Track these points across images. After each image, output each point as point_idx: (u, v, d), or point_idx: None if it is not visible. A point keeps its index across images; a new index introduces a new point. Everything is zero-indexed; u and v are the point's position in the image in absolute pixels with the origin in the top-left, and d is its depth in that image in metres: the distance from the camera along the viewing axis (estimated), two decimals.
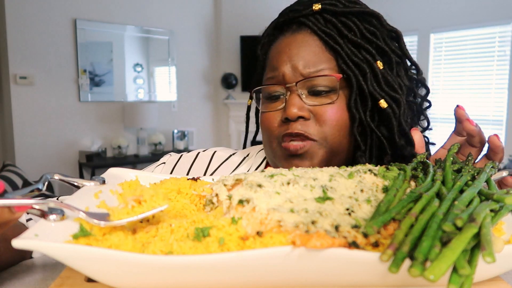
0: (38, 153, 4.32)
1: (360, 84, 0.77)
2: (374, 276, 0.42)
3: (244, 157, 0.96)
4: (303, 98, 0.78)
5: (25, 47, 4.14)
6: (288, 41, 0.81)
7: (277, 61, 0.81)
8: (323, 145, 0.78)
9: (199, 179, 0.64)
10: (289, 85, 0.78)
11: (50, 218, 0.46)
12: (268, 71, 0.83)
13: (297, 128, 0.77)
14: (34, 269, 0.61)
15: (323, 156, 0.78)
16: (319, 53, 0.79)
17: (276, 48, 0.83)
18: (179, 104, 5.36)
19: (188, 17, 5.19)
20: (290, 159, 0.79)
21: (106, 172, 0.67)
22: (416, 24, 5.03)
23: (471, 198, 0.47)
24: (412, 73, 0.85)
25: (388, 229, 0.46)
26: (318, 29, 0.79)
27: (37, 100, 4.29)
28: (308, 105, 0.78)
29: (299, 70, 0.78)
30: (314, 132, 0.77)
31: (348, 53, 0.78)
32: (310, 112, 0.78)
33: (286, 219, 0.45)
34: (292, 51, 0.79)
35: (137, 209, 0.47)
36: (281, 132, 0.79)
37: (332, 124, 0.77)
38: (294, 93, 0.78)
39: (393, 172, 0.59)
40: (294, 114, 0.76)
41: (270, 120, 0.82)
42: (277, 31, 0.85)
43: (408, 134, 0.79)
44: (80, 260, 0.40)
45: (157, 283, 0.41)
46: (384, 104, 0.77)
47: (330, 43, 0.78)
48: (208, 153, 0.96)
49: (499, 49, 4.54)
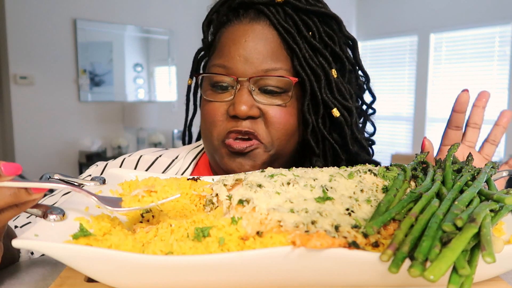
0: (38, 153, 4.32)
1: (314, 90, 0.76)
2: (374, 276, 0.42)
3: (173, 159, 0.90)
4: (254, 95, 0.75)
5: (25, 47, 4.14)
6: (245, 30, 0.76)
7: (229, 49, 0.76)
8: (268, 148, 0.76)
9: (199, 179, 0.64)
10: (241, 79, 0.74)
11: (50, 218, 0.46)
12: (216, 57, 0.78)
13: (246, 126, 0.74)
14: (34, 269, 0.61)
15: (266, 159, 0.77)
16: (277, 50, 0.76)
17: (230, 33, 0.77)
18: (179, 104, 5.36)
19: (188, 17, 5.19)
20: (233, 157, 0.76)
21: (106, 172, 0.67)
22: (416, 24, 5.03)
23: (471, 198, 0.47)
24: (361, 80, 0.86)
25: (388, 229, 0.46)
26: (278, 23, 0.75)
27: (37, 100, 4.29)
28: (258, 102, 0.75)
29: (254, 65, 0.74)
30: (262, 134, 0.75)
31: (306, 56, 0.76)
32: (259, 110, 0.75)
33: (286, 219, 0.45)
34: (249, 43, 0.75)
35: (147, 199, 0.48)
36: (227, 127, 0.75)
37: (279, 127, 0.76)
38: (244, 88, 0.74)
39: (393, 172, 0.59)
40: (244, 112, 0.73)
41: (215, 111, 0.77)
42: (232, 12, 0.79)
43: (361, 141, 0.80)
44: (80, 260, 0.40)
45: (157, 283, 0.41)
46: (336, 113, 0.77)
47: (288, 42, 0.75)
48: (134, 158, 0.90)
49: (499, 49, 4.53)
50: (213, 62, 0.78)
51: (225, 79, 0.76)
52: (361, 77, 0.86)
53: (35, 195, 0.45)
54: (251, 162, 0.76)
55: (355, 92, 0.83)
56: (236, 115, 0.74)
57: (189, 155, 0.91)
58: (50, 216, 0.46)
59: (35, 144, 4.30)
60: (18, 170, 0.44)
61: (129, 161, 0.90)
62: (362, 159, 0.80)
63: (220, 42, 0.79)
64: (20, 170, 0.44)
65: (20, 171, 0.44)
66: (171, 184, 0.49)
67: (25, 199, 0.45)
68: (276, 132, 0.76)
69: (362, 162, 0.77)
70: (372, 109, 0.90)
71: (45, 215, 0.46)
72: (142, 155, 0.91)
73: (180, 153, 0.92)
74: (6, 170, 0.43)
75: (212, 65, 0.78)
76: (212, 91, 0.78)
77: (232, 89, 0.76)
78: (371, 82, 0.88)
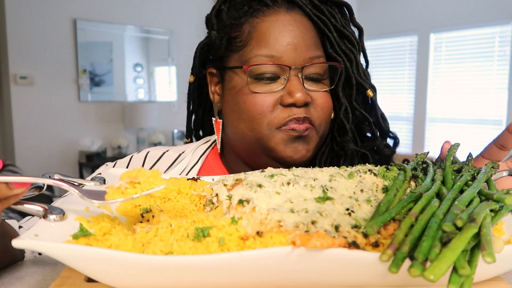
0: (38, 153, 4.32)
1: (349, 73, 0.82)
2: (374, 276, 0.42)
3: (180, 153, 0.92)
4: (303, 83, 0.77)
5: (25, 47, 4.14)
6: (287, 19, 0.77)
7: (276, 38, 0.76)
8: (318, 131, 0.80)
9: (199, 179, 0.64)
10: (295, 68, 0.76)
11: (50, 218, 0.46)
12: (258, 47, 0.77)
13: (303, 113, 0.77)
14: (34, 269, 0.61)
15: (316, 141, 0.81)
16: (315, 38, 0.80)
17: (270, 22, 0.77)
18: (179, 104, 5.36)
19: (188, 17, 5.19)
20: (291, 142, 0.78)
21: (103, 170, 0.67)
22: (416, 24, 5.03)
23: (471, 198, 0.47)
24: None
25: (388, 229, 0.46)
26: (313, 14, 0.79)
27: (37, 100, 4.29)
28: (308, 90, 0.78)
29: (302, 53, 0.77)
30: (315, 119, 0.79)
31: (339, 43, 0.81)
32: (310, 98, 0.78)
33: (286, 219, 0.45)
34: (295, 32, 0.77)
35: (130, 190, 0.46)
36: (284, 116, 0.76)
37: (327, 111, 0.80)
38: (296, 76, 0.77)
39: (393, 172, 0.59)
40: (302, 99, 0.75)
41: (264, 102, 0.76)
42: (257, 2, 0.79)
43: (386, 119, 0.88)
44: (80, 260, 0.40)
45: (157, 283, 0.41)
46: (371, 93, 0.84)
47: (323, 30, 0.80)
48: (142, 154, 0.92)
49: (499, 49, 4.53)
50: (255, 53, 0.76)
51: (271, 69, 0.76)
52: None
53: (17, 190, 0.45)
54: (306, 145, 0.79)
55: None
56: (294, 103, 0.76)
57: (197, 150, 0.91)
58: (50, 216, 0.46)
59: (35, 144, 4.30)
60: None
61: (137, 158, 0.91)
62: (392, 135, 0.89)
63: (257, 32, 0.77)
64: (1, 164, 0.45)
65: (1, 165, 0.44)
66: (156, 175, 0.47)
67: (6, 194, 0.45)
68: (325, 115, 0.80)
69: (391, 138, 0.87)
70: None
71: (45, 215, 0.46)
72: (149, 151, 0.93)
73: (187, 149, 0.93)
74: None
75: (254, 56, 0.76)
76: (257, 82, 0.77)
77: (280, 79, 0.77)
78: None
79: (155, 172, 0.47)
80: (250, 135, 0.79)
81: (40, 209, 0.48)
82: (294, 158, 0.78)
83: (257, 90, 0.77)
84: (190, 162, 0.88)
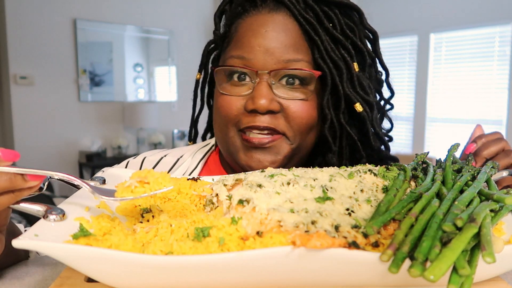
0: (38, 153, 4.32)
1: (336, 84, 0.73)
2: (374, 276, 0.42)
3: (178, 158, 0.88)
4: (274, 88, 0.72)
5: (25, 47, 4.14)
6: (265, 20, 0.73)
7: (249, 40, 0.72)
8: (291, 141, 0.74)
9: (199, 179, 0.64)
10: (261, 73, 0.71)
11: (50, 218, 0.46)
12: (234, 48, 0.74)
13: (266, 122, 0.71)
14: (34, 269, 0.61)
15: (288, 153, 0.74)
16: (298, 41, 0.73)
17: (248, 24, 0.74)
18: (179, 104, 5.36)
19: (188, 17, 5.19)
20: (251, 151, 0.73)
21: (106, 172, 0.67)
22: (416, 24, 5.03)
23: (471, 198, 0.47)
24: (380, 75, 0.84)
25: (388, 229, 0.46)
26: (299, 14, 0.72)
27: (37, 100, 4.29)
28: (279, 97, 0.72)
29: (275, 56, 0.71)
30: (283, 128, 0.72)
31: (327, 48, 0.73)
32: (280, 105, 0.72)
33: (286, 219, 0.45)
34: (270, 33, 0.71)
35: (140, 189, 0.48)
36: (245, 123, 0.72)
37: (301, 122, 0.73)
38: (264, 81, 0.71)
39: (393, 172, 0.59)
40: (264, 107, 0.70)
41: (231, 105, 0.73)
42: (248, 2, 0.76)
43: (382, 138, 0.78)
44: (80, 260, 0.40)
45: (157, 283, 0.41)
46: (359, 108, 0.75)
47: (310, 33, 0.72)
48: (138, 160, 0.89)
49: (499, 49, 4.53)
50: (230, 54, 0.75)
51: (242, 71, 0.73)
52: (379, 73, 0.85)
53: (31, 182, 0.46)
54: (271, 157, 0.74)
55: (375, 87, 0.81)
56: (255, 110, 0.71)
57: (197, 154, 0.88)
58: (50, 216, 0.46)
59: (35, 144, 4.30)
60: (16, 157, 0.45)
61: (133, 163, 0.88)
62: (383, 155, 0.78)
63: (237, 33, 0.75)
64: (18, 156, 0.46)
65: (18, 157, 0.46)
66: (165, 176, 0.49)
67: (20, 186, 0.46)
68: (299, 127, 0.73)
69: (384, 158, 0.77)
70: (390, 104, 0.87)
71: (45, 215, 0.46)
72: (146, 156, 0.89)
73: (185, 152, 0.90)
74: (4, 155, 0.45)
75: (229, 57, 0.74)
76: (228, 84, 0.75)
77: (250, 82, 0.73)
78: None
79: (164, 173, 0.49)
80: (220, 137, 0.79)
81: (40, 209, 0.48)
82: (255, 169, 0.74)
83: (225, 91, 0.75)
84: (190, 167, 0.86)
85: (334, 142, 0.77)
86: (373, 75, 0.81)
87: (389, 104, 0.87)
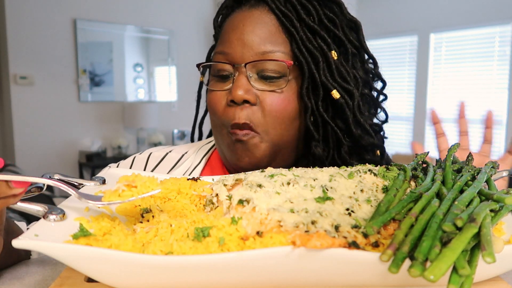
0: (38, 153, 4.32)
1: (312, 72, 0.75)
2: (374, 276, 0.42)
3: (183, 154, 0.90)
4: (251, 81, 0.74)
5: (25, 47, 4.14)
6: (243, 16, 0.76)
7: (229, 36, 0.76)
8: (265, 139, 0.75)
9: (199, 179, 0.64)
10: (238, 66, 0.74)
11: (50, 218, 0.46)
12: (218, 45, 0.78)
13: (243, 117, 0.73)
14: (34, 269, 0.61)
15: (265, 151, 0.75)
16: (275, 34, 0.75)
17: (231, 21, 0.78)
18: (179, 104, 5.36)
19: (188, 17, 5.19)
20: (235, 146, 0.75)
21: (105, 172, 0.67)
22: (416, 24, 5.03)
23: (471, 198, 0.47)
24: (369, 66, 0.85)
25: (388, 229, 0.46)
26: (276, 8, 0.75)
27: (37, 100, 4.29)
28: (256, 89, 0.74)
29: (252, 48, 0.74)
30: (257, 123, 0.74)
31: (303, 39, 0.75)
32: (257, 98, 0.74)
33: (286, 219, 0.45)
34: (246, 28, 0.74)
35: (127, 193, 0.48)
36: (229, 119, 0.75)
37: (276, 115, 0.74)
38: (242, 74, 0.74)
39: (393, 172, 0.59)
40: (239, 96, 0.72)
41: (217, 101, 0.77)
42: (236, 3, 0.80)
43: (364, 125, 0.78)
44: (80, 260, 0.40)
45: (157, 283, 0.41)
46: (336, 94, 0.76)
47: (286, 25, 0.75)
48: (144, 156, 0.91)
49: (499, 49, 4.53)
50: (215, 51, 0.79)
51: (225, 67, 0.76)
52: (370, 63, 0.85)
53: (16, 189, 0.46)
54: (248, 153, 0.75)
55: (362, 77, 0.81)
56: (232, 100, 0.73)
57: (200, 151, 0.90)
58: (50, 216, 0.46)
59: (35, 144, 4.30)
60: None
61: (140, 159, 0.90)
62: (366, 141, 0.79)
63: (222, 31, 0.79)
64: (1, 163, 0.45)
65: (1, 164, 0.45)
66: (152, 180, 0.49)
67: (5, 193, 0.45)
68: (273, 120, 0.74)
69: (366, 146, 0.77)
70: (383, 95, 0.87)
71: (45, 215, 0.46)
72: (151, 152, 0.91)
73: (190, 149, 0.92)
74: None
75: (213, 54, 0.79)
76: (215, 80, 0.78)
77: (232, 77, 0.75)
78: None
79: (152, 178, 0.49)
80: (214, 135, 0.81)
81: (40, 209, 0.48)
82: (240, 166, 0.76)
83: (212, 87, 0.78)
84: (193, 163, 0.88)
85: (317, 131, 0.78)
86: (358, 66, 0.82)
87: (383, 94, 0.87)
